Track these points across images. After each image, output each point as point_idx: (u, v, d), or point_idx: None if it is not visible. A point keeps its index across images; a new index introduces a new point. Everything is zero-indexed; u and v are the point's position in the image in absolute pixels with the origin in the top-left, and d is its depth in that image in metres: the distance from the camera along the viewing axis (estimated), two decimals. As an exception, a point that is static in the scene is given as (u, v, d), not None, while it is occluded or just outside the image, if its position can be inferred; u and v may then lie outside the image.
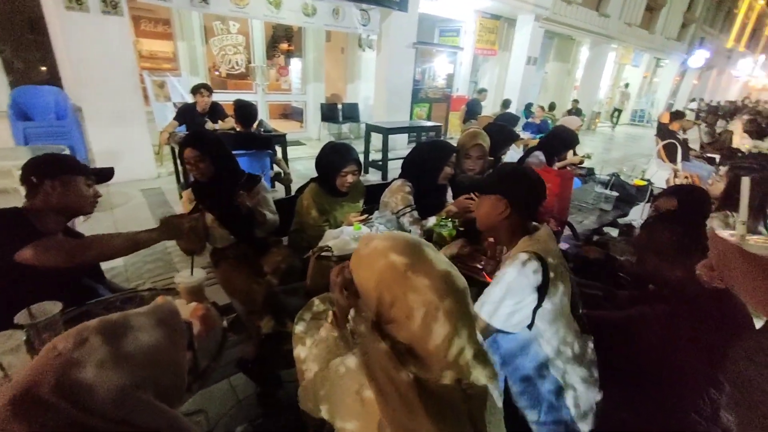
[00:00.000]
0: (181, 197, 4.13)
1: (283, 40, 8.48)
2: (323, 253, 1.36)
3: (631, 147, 10.36)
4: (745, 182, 0.87)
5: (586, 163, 3.83)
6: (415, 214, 1.92)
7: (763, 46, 29.01)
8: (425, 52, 8.13)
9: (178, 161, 3.95)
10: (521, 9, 8.93)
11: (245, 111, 3.30)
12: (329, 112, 7.55)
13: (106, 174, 1.47)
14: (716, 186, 2.00)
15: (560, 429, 1.17)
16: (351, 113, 7.82)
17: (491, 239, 1.50)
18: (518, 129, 6.30)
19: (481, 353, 0.69)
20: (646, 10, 14.12)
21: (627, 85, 15.50)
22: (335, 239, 1.44)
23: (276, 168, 3.89)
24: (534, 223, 1.26)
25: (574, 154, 3.71)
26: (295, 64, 8.28)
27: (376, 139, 6.19)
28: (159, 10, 5.99)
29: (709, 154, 5.83)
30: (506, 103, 7.46)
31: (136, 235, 1.31)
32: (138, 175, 4.67)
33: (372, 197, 2.12)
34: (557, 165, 2.97)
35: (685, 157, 4.36)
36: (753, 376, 0.77)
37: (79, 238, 1.45)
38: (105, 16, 4.00)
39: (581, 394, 1.14)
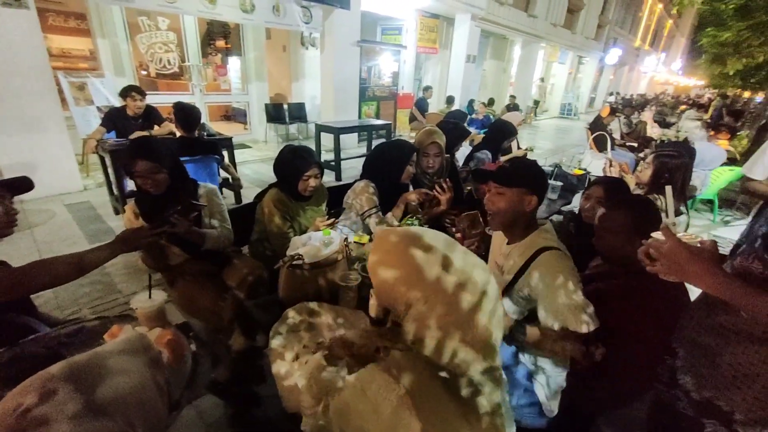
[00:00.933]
0: (116, 211, 3.75)
1: (219, 37, 8.01)
2: (295, 262, 1.31)
3: (563, 138, 11.24)
4: (668, 190, 0.97)
5: (529, 156, 4.09)
6: (381, 214, 1.92)
7: (664, 45, 33.12)
8: (369, 51, 8.15)
9: (110, 171, 3.57)
10: (458, 8, 9.28)
11: (187, 114, 3.05)
12: (275, 113, 7.28)
13: (20, 185, 1.25)
14: (645, 173, 2.23)
15: (534, 410, 1.24)
16: (298, 113, 7.61)
17: (464, 215, 1.61)
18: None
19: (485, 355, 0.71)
20: (568, 12, 15.41)
21: (542, 80, 16.67)
22: (304, 246, 1.40)
23: (223, 173, 3.67)
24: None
25: (518, 147, 3.94)
26: (234, 62, 7.87)
27: (326, 139, 6.10)
28: (70, 2, 5.36)
29: (628, 143, 6.52)
30: (451, 100, 7.72)
31: (83, 257, 1.15)
32: (60, 188, 4.16)
33: (332, 199, 2.09)
34: (503, 159, 3.14)
35: (612, 147, 4.83)
36: (703, 340, 0.87)
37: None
38: (6, 9, 3.49)
39: (551, 375, 1.21)
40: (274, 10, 5.76)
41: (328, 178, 5.28)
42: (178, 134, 3.27)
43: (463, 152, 3.59)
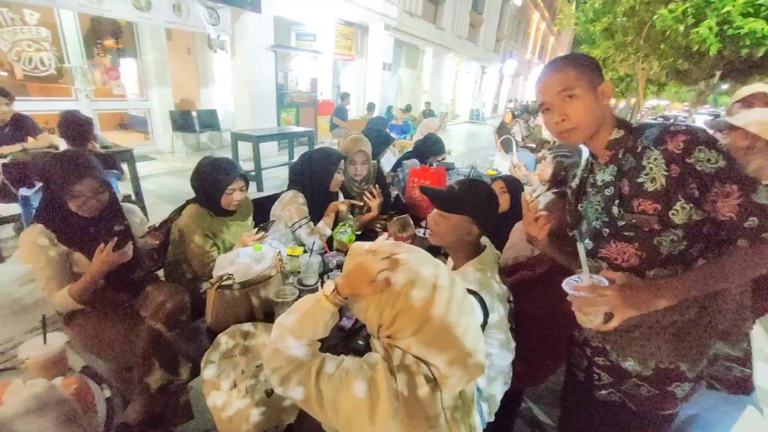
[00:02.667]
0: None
1: (107, 36, 7.07)
2: (224, 283, 1.21)
3: (475, 142, 12.22)
4: (581, 247, 1.06)
5: (448, 159, 4.36)
6: (312, 224, 1.88)
7: (549, 58, 38.09)
8: (285, 56, 7.94)
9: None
10: (371, 18, 9.55)
11: (77, 125, 2.62)
12: (183, 121, 6.65)
13: None
14: (546, 171, 2.54)
15: (476, 397, 1.33)
16: (209, 121, 7.05)
17: (395, 219, 1.64)
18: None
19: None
20: (470, 26, 16.86)
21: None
22: (233, 264, 1.30)
23: (124, 190, 3.25)
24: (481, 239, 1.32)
25: (447, 152, 4.18)
26: (129, 65, 7.01)
27: (244, 148, 5.78)
28: None
29: (528, 145, 7.34)
30: (371, 107, 7.89)
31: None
32: None
33: (257, 212, 1.99)
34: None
35: (516, 149, 5.40)
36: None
37: None
38: None
39: (495, 359, 1.29)
40: (175, 10, 5.30)
41: (249, 189, 5.00)
42: (62, 147, 2.81)
43: (387, 158, 3.70)
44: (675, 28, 4.53)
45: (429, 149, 3.12)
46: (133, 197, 3.22)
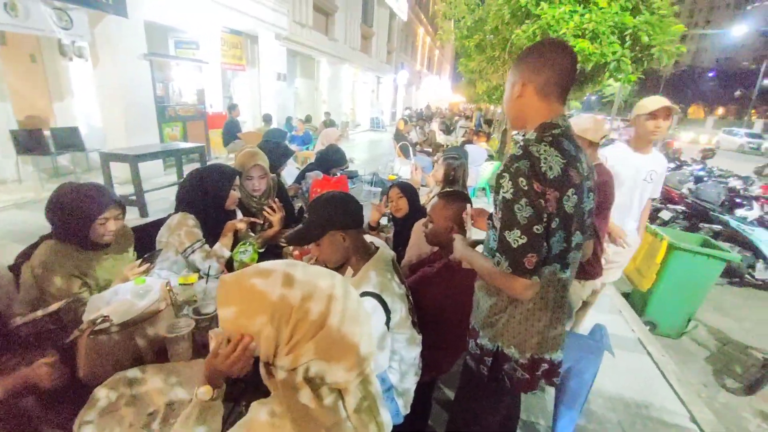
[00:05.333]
0: None
1: None
2: (98, 327, 1.04)
3: (376, 149, 12.66)
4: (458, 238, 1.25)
5: (351, 167, 4.45)
6: (207, 247, 1.74)
7: (437, 69, 41.56)
8: (164, 65, 7.19)
9: None
10: (260, 27, 9.24)
11: None
12: (31, 142, 5.47)
13: None
14: (438, 173, 2.77)
15: (390, 395, 1.37)
16: (69, 140, 5.92)
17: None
18: (286, 142, 6.56)
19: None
20: (363, 38, 17.49)
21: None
22: (110, 304, 1.13)
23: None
24: (371, 240, 1.36)
25: (350, 162, 4.24)
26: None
27: (120, 170, 5.05)
28: None
29: (425, 149, 7.91)
30: (268, 118, 7.56)
31: None
32: None
33: (144, 241, 1.76)
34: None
35: (414, 154, 5.76)
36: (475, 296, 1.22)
37: None
38: None
39: (403, 354, 1.35)
40: (8, 9, 4.39)
41: (130, 216, 4.36)
42: None
43: (289, 170, 3.61)
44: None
45: (331, 160, 3.15)
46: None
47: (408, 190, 2.25)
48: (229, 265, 1.76)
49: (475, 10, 6.58)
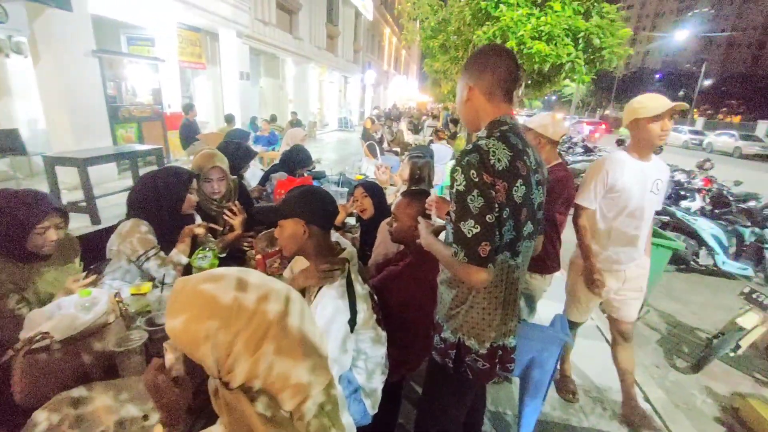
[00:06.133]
0: None
1: None
2: (36, 345, 0.96)
3: (344, 149, 12.59)
4: (422, 225, 1.26)
5: (318, 167, 4.39)
6: (162, 254, 1.65)
7: (404, 69, 41.90)
8: (115, 63, 6.79)
9: None
10: (219, 24, 8.92)
11: None
12: (-36, 145, 5.04)
13: None
14: (404, 171, 2.79)
15: (358, 395, 1.36)
16: (8, 143, 5.44)
17: (262, 235, 1.62)
18: (250, 143, 6.36)
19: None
20: (328, 38, 17.31)
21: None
22: (51, 319, 1.05)
23: None
24: (336, 239, 1.34)
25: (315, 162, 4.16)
26: None
27: (67, 175, 4.72)
28: None
29: (393, 149, 7.95)
30: (230, 118, 7.30)
31: None
32: None
33: (95, 250, 1.65)
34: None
35: (382, 153, 5.77)
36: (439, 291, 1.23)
37: None
38: None
39: (369, 353, 1.35)
40: (-68, -1, 3.99)
41: (78, 224, 4.06)
42: None
43: (253, 172, 3.50)
44: (490, 47, 5.62)
45: (296, 160, 3.08)
46: None
47: (373, 190, 2.24)
48: (188, 273, 1.68)
49: (438, 11, 6.69)
